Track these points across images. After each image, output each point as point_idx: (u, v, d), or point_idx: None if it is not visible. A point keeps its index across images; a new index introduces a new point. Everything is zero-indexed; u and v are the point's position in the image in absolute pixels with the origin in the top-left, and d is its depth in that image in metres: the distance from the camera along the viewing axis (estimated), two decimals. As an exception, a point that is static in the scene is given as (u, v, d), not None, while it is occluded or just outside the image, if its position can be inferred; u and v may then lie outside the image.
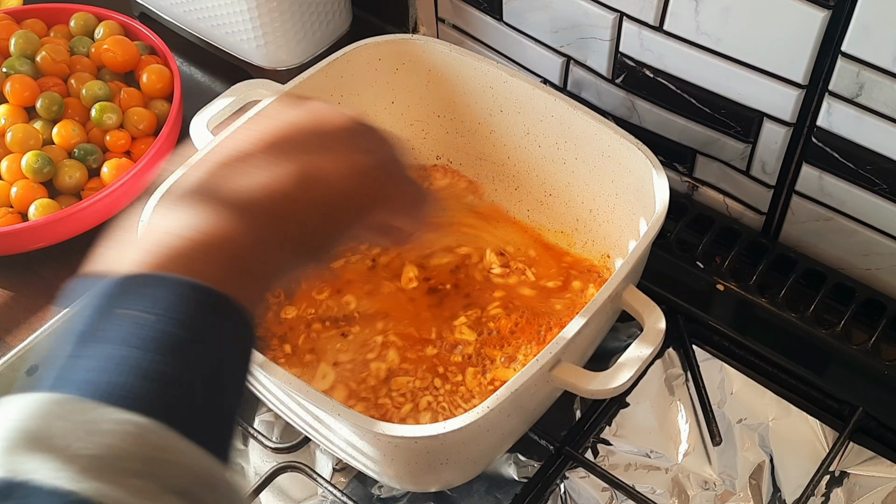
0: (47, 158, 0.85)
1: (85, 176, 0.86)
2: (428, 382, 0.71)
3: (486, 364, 0.72)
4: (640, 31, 0.77)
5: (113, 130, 0.89)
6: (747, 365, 0.75)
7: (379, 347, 0.73)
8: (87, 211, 0.82)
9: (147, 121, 0.90)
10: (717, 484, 0.69)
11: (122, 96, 0.91)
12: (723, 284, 0.79)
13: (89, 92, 0.90)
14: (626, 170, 0.72)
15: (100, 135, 0.89)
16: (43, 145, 0.87)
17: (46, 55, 0.92)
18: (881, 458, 0.70)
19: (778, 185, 0.79)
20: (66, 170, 0.85)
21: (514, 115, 0.79)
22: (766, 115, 0.74)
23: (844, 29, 0.65)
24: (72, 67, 0.93)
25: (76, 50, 0.95)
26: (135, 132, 0.90)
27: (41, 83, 0.90)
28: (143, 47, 0.96)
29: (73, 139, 0.87)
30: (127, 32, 0.97)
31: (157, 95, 0.93)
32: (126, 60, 0.94)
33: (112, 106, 0.89)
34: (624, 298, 0.64)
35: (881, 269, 0.77)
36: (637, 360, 0.59)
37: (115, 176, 0.85)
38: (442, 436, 0.55)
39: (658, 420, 0.73)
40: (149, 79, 0.93)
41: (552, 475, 0.70)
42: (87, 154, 0.87)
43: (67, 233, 0.83)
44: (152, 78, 0.93)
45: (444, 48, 0.79)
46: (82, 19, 0.97)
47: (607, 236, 0.78)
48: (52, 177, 0.85)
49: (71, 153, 0.87)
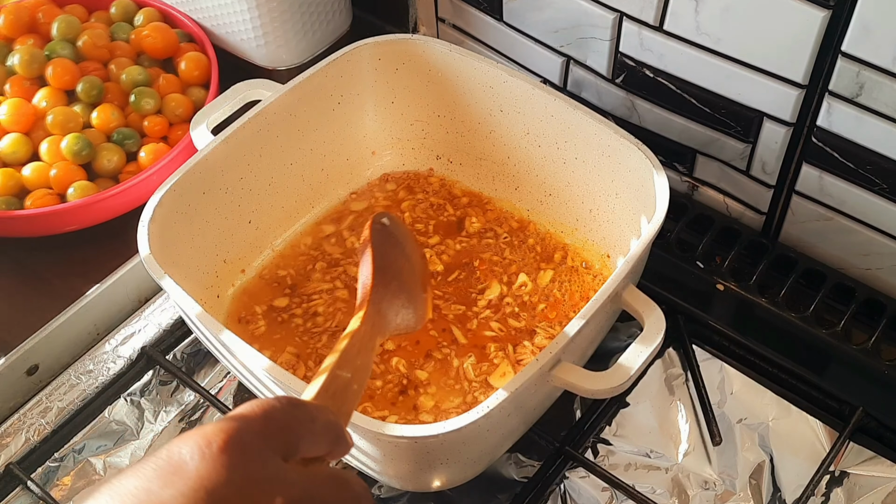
0: (87, 141, 0.86)
1: (123, 160, 0.88)
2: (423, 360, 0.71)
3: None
4: (640, 31, 0.77)
5: (151, 116, 0.90)
6: (747, 365, 0.75)
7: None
8: (123, 194, 0.84)
9: (184, 107, 0.92)
10: (717, 484, 0.69)
11: (160, 82, 0.93)
12: (723, 284, 0.79)
13: (129, 77, 0.91)
14: (626, 170, 0.72)
15: (138, 120, 0.91)
16: (83, 128, 0.89)
17: (88, 40, 0.93)
18: (881, 457, 0.70)
19: (778, 185, 0.79)
20: (104, 153, 0.87)
21: (514, 115, 0.79)
22: (766, 114, 0.74)
23: (844, 29, 0.65)
24: (112, 52, 0.95)
25: (116, 36, 0.96)
26: (172, 118, 0.91)
27: (82, 67, 0.92)
28: (182, 35, 0.97)
29: (112, 123, 0.89)
30: (166, 19, 0.98)
31: (194, 82, 0.94)
32: (165, 47, 0.95)
33: (150, 91, 0.91)
34: (624, 298, 0.64)
35: (881, 268, 0.77)
36: (637, 359, 0.59)
37: (152, 161, 0.87)
38: (442, 436, 0.55)
39: (658, 420, 0.73)
40: (187, 66, 0.94)
41: (552, 475, 0.70)
42: (126, 138, 0.88)
43: (104, 215, 0.85)
44: (190, 65, 0.94)
45: (444, 48, 0.79)
46: (122, 5, 0.99)
47: (607, 236, 0.78)
48: (91, 159, 0.87)
49: (110, 137, 0.89)
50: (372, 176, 0.87)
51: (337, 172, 0.84)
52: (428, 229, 0.82)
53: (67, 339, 0.78)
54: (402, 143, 0.86)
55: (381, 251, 0.63)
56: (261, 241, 0.80)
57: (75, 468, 0.72)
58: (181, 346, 0.79)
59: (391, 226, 0.66)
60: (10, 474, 0.71)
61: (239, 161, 0.76)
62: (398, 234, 0.66)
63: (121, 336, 0.79)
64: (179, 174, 0.71)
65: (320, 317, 0.76)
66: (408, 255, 0.66)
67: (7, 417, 0.74)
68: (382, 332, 0.59)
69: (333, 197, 0.85)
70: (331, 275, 0.79)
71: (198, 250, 0.74)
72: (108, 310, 0.80)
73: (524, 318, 0.75)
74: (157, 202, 0.69)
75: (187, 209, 0.72)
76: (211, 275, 0.76)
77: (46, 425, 0.73)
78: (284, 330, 0.75)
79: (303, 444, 0.42)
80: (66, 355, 0.78)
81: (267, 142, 0.77)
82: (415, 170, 0.87)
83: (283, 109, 0.77)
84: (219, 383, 0.77)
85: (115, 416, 0.75)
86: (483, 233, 0.82)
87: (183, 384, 0.76)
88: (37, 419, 0.74)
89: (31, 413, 0.74)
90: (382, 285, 0.60)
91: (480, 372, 0.72)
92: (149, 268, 0.65)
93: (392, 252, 0.64)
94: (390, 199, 0.85)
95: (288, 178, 0.81)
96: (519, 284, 0.77)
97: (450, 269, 0.79)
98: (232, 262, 0.78)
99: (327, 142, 0.83)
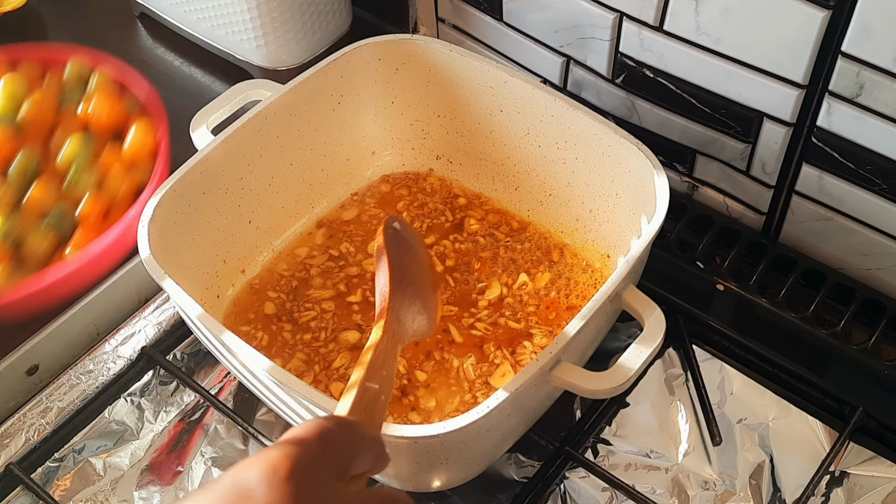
0: (10, 226, 0.78)
1: (53, 244, 0.79)
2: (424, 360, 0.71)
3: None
4: (640, 31, 0.77)
5: (89, 196, 0.81)
6: (747, 365, 0.75)
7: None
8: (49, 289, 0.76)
9: (127, 184, 0.83)
10: (717, 484, 0.69)
11: (102, 157, 0.84)
12: (723, 284, 0.79)
13: (69, 150, 0.83)
14: (626, 170, 0.72)
15: (75, 199, 0.82)
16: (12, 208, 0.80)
17: (32, 107, 0.85)
18: (881, 457, 0.70)
19: (778, 185, 0.79)
20: (33, 238, 0.78)
21: (514, 115, 0.79)
22: (766, 115, 0.74)
23: (844, 29, 0.65)
24: (57, 122, 0.86)
25: (68, 101, 0.88)
26: (112, 196, 0.82)
27: (22, 138, 0.84)
28: (134, 105, 0.89)
29: (47, 201, 0.80)
30: (122, 81, 0.90)
31: (140, 160, 0.85)
32: (109, 120, 0.87)
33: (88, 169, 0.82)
34: (624, 298, 0.64)
35: (881, 268, 0.77)
36: (637, 360, 0.59)
37: (80, 248, 0.78)
38: (442, 436, 0.55)
39: (658, 420, 0.73)
40: (133, 141, 0.85)
41: (552, 475, 0.70)
42: (61, 219, 0.80)
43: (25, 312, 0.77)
44: (136, 141, 0.85)
45: (444, 48, 0.79)
46: (76, 69, 0.90)
47: (607, 236, 0.78)
48: (19, 244, 0.78)
49: (45, 216, 0.80)
50: (372, 176, 0.87)
51: (337, 172, 0.84)
52: (427, 229, 0.82)
53: (67, 340, 0.78)
54: (402, 143, 0.86)
55: (396, 257, 0.63)
56: (261, 241, 0.80)
57: (75, 468, 0.72)
58: (181, 346, 0.79)
59: (402, 230, 0.66)
60: (10, 474, 0.71)
61: (239, 161, 0.76)
62: (409, 237, 0.66)
63: (121, 336, 0.79)
64: (179, 174, 0.71)
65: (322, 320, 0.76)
66: (420, 259, 0.66)
67: (7, 417, 0.74)
68: (402, 339, 0.59)
69: (333, 197, 0.85)
70: (332, 278, 0.79)
71: (198, 250, 0.74)
72: (108, 310, 0.80)
73: (524, 318, 0.75)
74: (157, 202, 0.69)
75: (187, 209, 0.72)
76: (211, 275, 0.76)
77: (46, 425, 0.73)
78: (285, 331, 0.75)
79: (354, 464, 0.43)
80: (66, 355, 0.78)
81: (267, 142, 0.77)
82: (415, 170, 0.87)
83: (283, 109, 0.77)
84: (219, 383, 0.77)
85: (115, 416, 0.75)
86: (483, 233, 0.82)
87: (183, 384, 0.76)
88: (37, 419, 0.74)
89: (31, 413, 0.74)
90: (400, 292, 0.60)
91: (480, 372, 0.72)
92: (149, 268, 0.65)
93: (406, 257, 0.64)
94: (390, 200, 0.85)
95: (288, 178, 0.81)
96: (519, 284, 0.77)
97: (450, 270, 0.79)
98: (232, 262, 0.78)
99: (327, 142, 0.83)
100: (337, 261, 0.80)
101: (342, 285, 0.78)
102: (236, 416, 0.73)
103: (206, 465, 0.72)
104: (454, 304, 0.76)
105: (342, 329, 0.75)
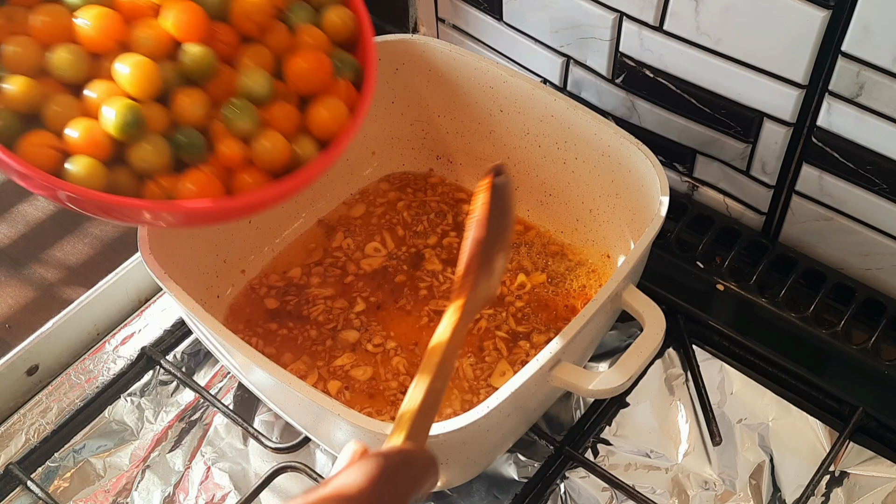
0: (140, 118, 0.54)
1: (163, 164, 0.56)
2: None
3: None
4: (640, 31, 0.77)
5: (232, 141, 0.58)
6: (747, 365, 0.75)
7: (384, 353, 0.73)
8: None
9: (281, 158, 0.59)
10: (717, 484, 0.69)
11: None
12: (723, 284, 0.79)
13: (244, 83, 0.59)
14: (626, 170, 0.72)
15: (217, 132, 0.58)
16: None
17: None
18: (881, 457, 0.70)
19: (778, 185, 0.79)
20: (143, 149, 0.55)
21: (514, 115, 0.79)
22: (766, 115, 0.74)
23: (844, 29, 0.65)
24: (263, 31, 0.61)
25: (289, 18, 0.62)
26: (264, 164, 0.59)
27: (215, 28, 0.58)
28: (346, 64, 0.62)
29: (190, 114, 0.57)
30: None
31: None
32: (313, 81, 0.61)
33: (255, 115, 0.58)
34: (624, 298, 0.64)
35: (881, 268, 0.77)
36: (637, 360, 0.59)
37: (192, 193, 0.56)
38: (442, 435, 0.55)
39: (658, 420, 0.73)
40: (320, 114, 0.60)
41: (552, 475, 0.70)
42: (189, 144, 0.57)
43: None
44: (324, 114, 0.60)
45: (444, 48, 0.79)
46: None
47: (607, 236, 0.78)
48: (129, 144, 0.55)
49: (168, 133, 0.56)
50: (372, 176, 0.87)
51: (337, 172, 0.84)
52: (427, 230, 0.82)
53: (67, 340, 0.78)
54: (402, 143, 0.86)
55: (492, 223, 0.56)
56: (261, 241, 0.80)
57: (75, 468, 0.72)
58: (181, 346, 0.79)
59: (507, 185, 0.57)
60: (10, 474, 0.71)
61: (239, 161, 0.76)
62: (509, 195, 0.58)
63: (121, 336, 0.79)
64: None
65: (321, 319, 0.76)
66: (508, 224, 0.59)
67: (7, 417, 0.74)
68: (472, 317, 0.54)
69: (333, 197, 0.85)
70: (331, 277, 0.79)
71: (198, 250, 0.74)
72: (107, 310, 0.80)
73: (524, 318, 0.75)
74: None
75: (187, 209, 0.72)
76: (211, 275, 0.76)
77: (46, 425, 0.73)
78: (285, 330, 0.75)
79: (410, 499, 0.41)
80: (66, 355, 0.78)
81: (267, 142, 0.77)
82: (415, 170, 0.87)
83: (283, 109, 0.77)
84: (219, 383, 0.77)
85: (116, 416, 0.75)
86: (483, 233, 0.82)
87: (183, 384, 0.76)
88: (37, 419, 0.74)
89: (31, 413, 0.74)
90: (485, 265, 0.55)
91: (480, 372, 0.72)
92: (149, 268, 0.65)
93: (500, 222, 0.56)
94: (390, 200, 0.85)
95: (288, 178, 0.81)
96: (518, 284, 0.77)
97: (449, 270, 0.79)
98: (232, 262, 0.78)
99: (327, 142, 0.83)
100: (336, 260, 0.80)
101: (342, 285, 0.78)
102: (236, 416, 0.73)
103: (206, 465, 0.72)
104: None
105: (342, 328, 0.75)
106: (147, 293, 0.82)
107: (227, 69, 0.59)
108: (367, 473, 0.40)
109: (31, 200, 1.42)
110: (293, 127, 0.60)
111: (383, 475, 0.40)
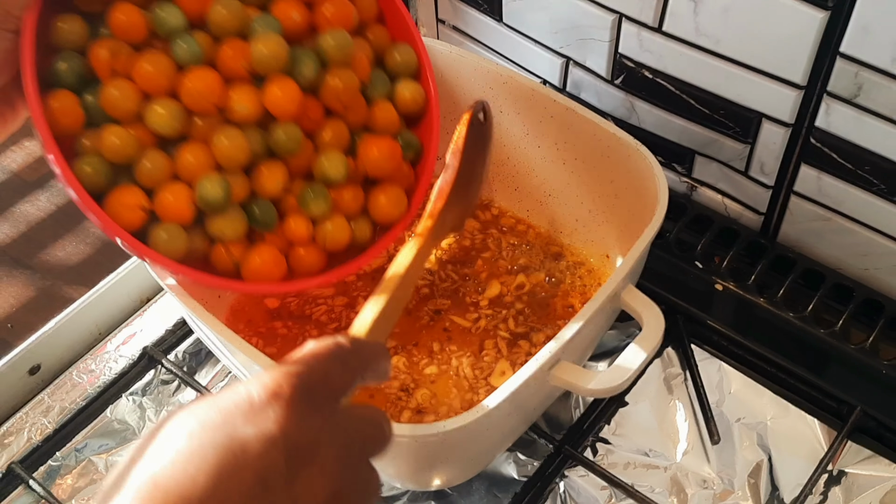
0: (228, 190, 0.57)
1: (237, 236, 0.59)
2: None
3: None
4: (640, 32, 0.77)
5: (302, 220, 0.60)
6: (746, 364, 0.76)
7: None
8: None
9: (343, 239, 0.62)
10: (715, 483, 0.69)
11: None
12: (722, 284, 0.80)
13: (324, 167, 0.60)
14: (625, 170, 0.73)
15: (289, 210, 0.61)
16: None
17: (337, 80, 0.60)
18: (879, 457, 0.70)
19: (777, 186, 0.79)
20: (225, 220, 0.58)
21: (514, 116, 0.79)
22: (765, 115, 0.74)
23: (843, 30, 0.65)
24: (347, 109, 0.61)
25: (368, 91, 0.63)
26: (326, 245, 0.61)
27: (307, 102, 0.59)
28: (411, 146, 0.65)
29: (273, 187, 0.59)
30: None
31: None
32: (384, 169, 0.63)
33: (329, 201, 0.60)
34: (623, 298, 0.64)
35: (879, 268, 0.77)
36: (636, 359, 0.60)
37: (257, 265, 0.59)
38: (442, 435, 0.55)
39: (657, 419, 0.73)
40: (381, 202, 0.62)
41: (552, 474, 0.70)
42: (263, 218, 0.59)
43: None
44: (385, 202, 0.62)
45: (444, 48, 0.79)
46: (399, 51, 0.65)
47: (607, 236, 0.78)
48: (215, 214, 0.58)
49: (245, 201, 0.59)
50: (372, 176, 0.87)
51: (337, 173, 0.84)
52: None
53: (69, 339, 0.78)
54: (403, 144, 0.87)
55: (469, 157, 0.58)
56: (262, 241, 0.80)
57: (77, 467, 0.72)
58: (183, 345, 0.79)
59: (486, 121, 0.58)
60: (12, 473, 0.71)
61: (240, 161, 0.76)
62: (488, 130, 0.60)
63: (122, 336, 0.79)
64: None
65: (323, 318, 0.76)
66: (487, 155, 0.61)
67: (9, 417, 0.74)
68: (439, 242, 0.57)
69: (334, 197, 0.85)
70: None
71: (199, 250, 0.75)
72: (109, 309, 0.80)
73: (523, 317, 0.75)
74: None
75: (189, 209, 0.72)
76: (212, 275, 0.76)
77: (48, 424, 0.74)
78: (286, 330, 0.76)
79: (355, 387, 0.42)
80: (67, 355, 0.78)
81: (268, 142, 0.77)
82: (415, 170, 0.87)
83: (283, 110, 0.77)
84: (220, 383, 0.77)
85: (117, 415, 0.75)
86: (483, 233, 0.82)
87: (184, 384, 0.76)
88: (39, 418, 0.74)
89: (32, 412, 0.74)
90: (457, 196, 0.57)
91: (480, 371, 0.72)
92: (151, 267, 0.65)
93: (478, 157, 0.57)
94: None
95: (289, 179, 0.81)
96: (518, 284, 0.78)
97: (449, 269, 0.79)
98: (233, 261, 0.78)
99: (328, 142, 0.83)
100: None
101: (343, 284, 0.78)
102: (237, 416, 0.73)
103: (207, 463, 0.72)
104: (453, 304, 0.76)
105: (344, 327, 0.75)
106: (148, 293, 0.82)
107: (308, 144, 0.60)
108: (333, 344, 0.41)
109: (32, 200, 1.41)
110: (357, 210, 0.62)
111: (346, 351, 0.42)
